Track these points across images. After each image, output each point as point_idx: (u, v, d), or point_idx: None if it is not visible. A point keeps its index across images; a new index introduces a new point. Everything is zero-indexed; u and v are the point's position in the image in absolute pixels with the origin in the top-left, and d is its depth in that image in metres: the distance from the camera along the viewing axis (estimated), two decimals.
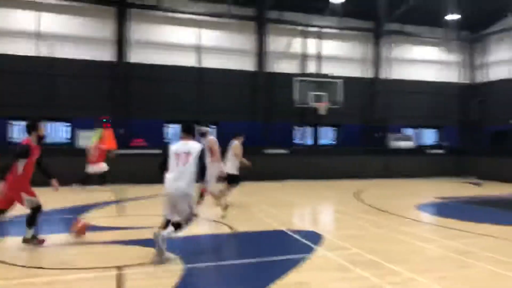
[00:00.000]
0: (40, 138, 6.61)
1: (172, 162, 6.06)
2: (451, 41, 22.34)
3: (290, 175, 17.51)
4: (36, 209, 6.50)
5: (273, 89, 19.50)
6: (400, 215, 9.70)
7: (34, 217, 6.48)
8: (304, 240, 7.14)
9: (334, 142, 21.51)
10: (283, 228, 8.08)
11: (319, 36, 20.32)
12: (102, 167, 13.65)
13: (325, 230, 8.26)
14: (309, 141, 20.94)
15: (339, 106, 18.92)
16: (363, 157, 19.32)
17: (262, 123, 18.98)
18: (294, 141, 20.48)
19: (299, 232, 7.77)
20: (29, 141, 6.44)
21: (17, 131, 16.89)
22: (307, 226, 9.04)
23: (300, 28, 20.09)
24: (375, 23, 21.21)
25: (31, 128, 6.49)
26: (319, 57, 20.33)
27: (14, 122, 16.92)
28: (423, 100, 21.67)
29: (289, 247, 6.84)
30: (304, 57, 20.18)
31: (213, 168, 8.94)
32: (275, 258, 6.13)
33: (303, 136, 20.83)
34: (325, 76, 19.61)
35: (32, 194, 6.47)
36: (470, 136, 22.22)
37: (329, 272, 5.49)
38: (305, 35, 20.14)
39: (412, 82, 21.75)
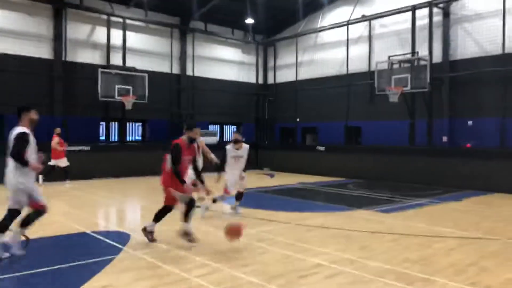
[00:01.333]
0: None
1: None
2: (249, 44, 24.38)
3: (95, 174, 16.52)
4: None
5: (74, 80, 17.99)
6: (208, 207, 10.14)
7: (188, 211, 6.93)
8: (110, 241, 6.85)
9: (140, 138, 21.13)
10: (87, 230, 7.59)
11: (125, 27, 19.57)
12: None
13: (133, 229, 8.07)
14: (115, 137, 20.05)
15: (145, 101, 18.62)
16: None
17: (61, 117, 17.30)
18: (98, 137, 19.31)
19: (104, 233, 7.43)
20: None
21: None
22: (114, 226, 8.71)
23: (104, 17, 18.98)
24: (181, 20, 21.58)
25: None
26: (124, 49, 19.58)
27: None
28: (226, 98, 23.05)
29: (94, 250, 6.46)
30: (108, 48, 19.15)
31: None
32: (78, 263, 5.71)
33: (108, 131, 19.82)
34: (131, 69, 19.01)
35: None
36: (264, 132, 24.75)
37: (138, 271, 5.41)
38: (109, 25, 19.12)
39: (216, 80, 22.89)
